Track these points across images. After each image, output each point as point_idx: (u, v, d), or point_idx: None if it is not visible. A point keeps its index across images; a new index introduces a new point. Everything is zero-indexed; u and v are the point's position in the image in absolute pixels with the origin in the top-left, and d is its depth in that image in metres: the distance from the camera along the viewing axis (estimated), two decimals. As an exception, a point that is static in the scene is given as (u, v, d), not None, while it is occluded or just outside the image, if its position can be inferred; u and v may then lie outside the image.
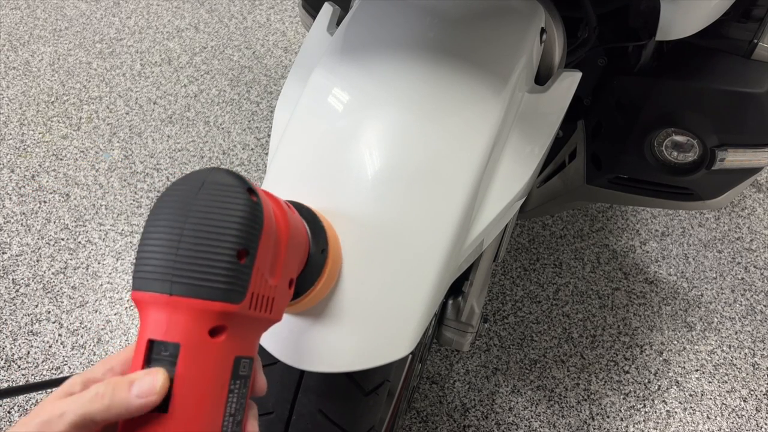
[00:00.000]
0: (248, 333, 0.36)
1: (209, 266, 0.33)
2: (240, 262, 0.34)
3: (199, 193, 0.35)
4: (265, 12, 1.96)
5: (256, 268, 0.35)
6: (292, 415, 0.56)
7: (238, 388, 0.35)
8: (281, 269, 0.38)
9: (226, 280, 0.33)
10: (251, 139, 1.57)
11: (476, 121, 0.57)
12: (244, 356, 0.36)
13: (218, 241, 0.33)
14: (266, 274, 0.36)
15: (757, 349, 1.25)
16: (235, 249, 0.34)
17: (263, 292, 0.36)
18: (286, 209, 0.40)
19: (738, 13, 0.83)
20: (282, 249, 0.38)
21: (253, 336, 0.37)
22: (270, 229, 0.36)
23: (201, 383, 0.33)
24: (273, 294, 0.37)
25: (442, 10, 0.64)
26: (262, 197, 0.36)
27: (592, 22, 0.78)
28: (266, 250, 0.36)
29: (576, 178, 1.04)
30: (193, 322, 0.33)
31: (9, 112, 1.59)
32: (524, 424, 1.11)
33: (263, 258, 0.36)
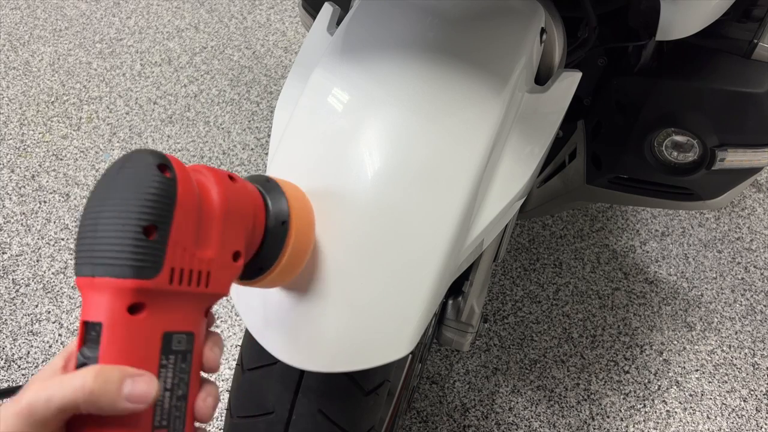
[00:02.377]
0: (179, 308, 0.37)
1: (120, 245, 0.34)
2: (149, 237, 0.34)
3: (118, 174, 0.36)
4: (265, 12, 1.96)
5: (173, 242, 0.35)
6: (292, 415, 0.56)
7: (173, 363, 0.36)
8: (217, 242, 0.38)
9: (136, 257, 0.34)
10: (251, 139, 1.57)
11: (476, 121, 0.57)
12: (178, 331, 0.37)
13: (127, 219, 0.34)
14: (191, 248, 0.37)
15: (757, 349, 1.25)
16: (141, 225, 0.34)
17: (190, 266, 0.37)
18: (226, 181, 0.40)
19: (738, 13, 0.83)
20: (216, 221, 0.38)
21: (188, 310, 0.37)
22: (189, 202, 0.36)
23: (125, 360, 0.34)
24: (207, 267, 0.38)
25: (442, 10, 0.64)
26: (179, 171, 0.37)
27: (592, 22, 0.78)
28: (186, 223, 0.36)
29: (576, 178, 1.04)
30: (112, 301, 0.34)
31: (9, 112, 1.59)
32: (524, 424, 1.11)
33: (182, 231, 0.36)
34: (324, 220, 0.52)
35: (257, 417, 0.58)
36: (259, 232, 0.43)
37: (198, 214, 0.37)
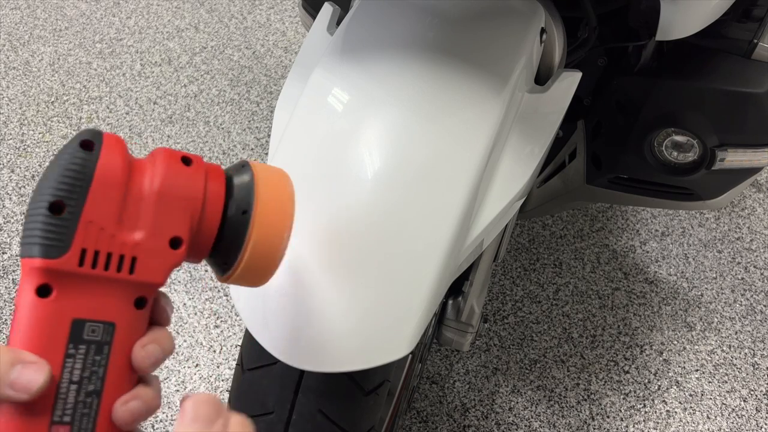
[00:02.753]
0: (96, 294, 0.34)
1: (32, 223, 0.33)
2: (56, 214, 0.33)
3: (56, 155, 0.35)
4: (265, 12, 1.96)
5: (85, 220, 0.33)
6: (292, 415, 0.56)
7: (84, 354, 0.34)
8: (148, 225, 0.35)
9: (41, 235, 0.33)
10: (251, 139, 1.57)
11: (476, 121, 0.57)
12: (92, 320, 0.34)
13: (39, 197, 0.33)
14: (110, 228, 0.34)
15: (757, 349, 1.25)
16: (47, 201, 0.33)
17: (108, 249, 0.34)
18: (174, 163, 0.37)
19: (738, 13, 0.83)
20: (147, 202, 0.35)
21: (108, 298, 0.35)
22: (110, 179, 0.34)
23: (29, 345, 0.32)
24: (133, 252, 0.35)
25: (442, 10, 0.64)
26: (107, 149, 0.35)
27: (592, 22, 0.78)
28: (105, 202, 0.34)
29: (576, 178, 1.04)
30: (24, 282, 0.33)
31: (9, 112, 1.59)
32: (524, 424, 1.11)
33: (99, 210, 0.34)
34: (324, 220, 0.52)
35: (257, 417, 0.58)
36: (214, 220, 0.39)
37: (123, 194, 0.35)
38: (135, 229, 0.35)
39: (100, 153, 0.35)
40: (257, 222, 0.39)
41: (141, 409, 0.35)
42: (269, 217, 0.40)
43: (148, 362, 0.35)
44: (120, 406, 0.34)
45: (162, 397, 1.12)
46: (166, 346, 0.37)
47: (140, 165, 0.37)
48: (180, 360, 1.15)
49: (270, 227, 0.40)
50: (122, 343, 0.35)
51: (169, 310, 0.39)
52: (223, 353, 1.17)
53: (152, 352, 0.36)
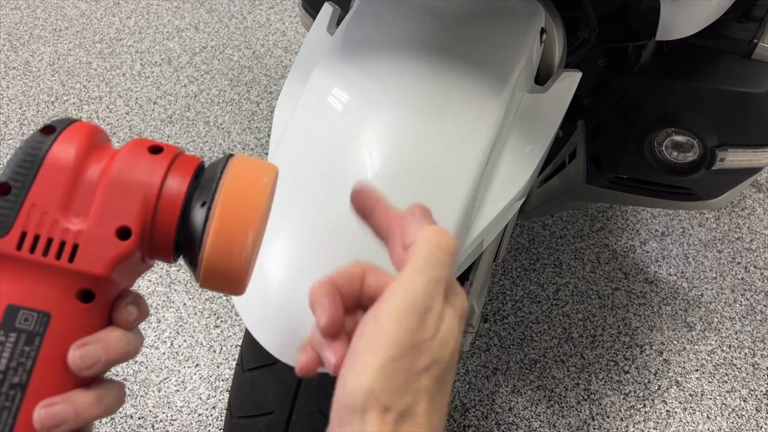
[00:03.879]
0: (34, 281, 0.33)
1: None
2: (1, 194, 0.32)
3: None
4: (265, 12, 1.96)
5: (29, 203, 0.33)
6: (292, 415, 0.56)
7: (13, 343, 0.32)
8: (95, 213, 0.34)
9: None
10: (251, 139, 1.57)
11: (476, 121, 0.57)
12: (26, 307, 0.32)
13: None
14: (54, 213, 0.33)
15: (757, 349, 1.25)
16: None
17: (49, 234, 0.33)
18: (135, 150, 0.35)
19: (738, 13, 0.83)
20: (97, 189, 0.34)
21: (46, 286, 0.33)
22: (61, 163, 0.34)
23: None
24: (75, 240, 0.33)
25: (442, 10, 0.64)
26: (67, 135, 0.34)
27: (592, 22, 0.78)
28: (53, 186, 0.33)
29: (576, 178, 1.04)
30: None
31: (9, 112, 1.59)
32: (524, 424, 1.11)
33: (45, 194, 0.33)
34: (324, 219, 0.52)
35: (257, 417, 0.58)
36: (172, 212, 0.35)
37: (73, 180, 0.34)
38: (80, 215, 0.34)
39: (57, 138, 0.34)
40: (217, 215, 0.35)
41: (66, 416, 0.31)
42: (232, 211, 0.35)
43: (83, 363, 0.32)
44: (40, 408, 0.31)
45: (162, 396, 1.12)
46: (112, 349, 0.33)
47: (101, 153, 0.35)
48: (180, 360, 1.15)
49: (231, 222, 0.35)
50: (58, 338, 0.33)
51: (135, 313, 0.35)
52: (223, 353, 1.17)
53: (89, 353, 0.32)
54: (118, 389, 0.34)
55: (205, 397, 1.11)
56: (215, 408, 1.10)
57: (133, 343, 0.35)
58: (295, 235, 0.52)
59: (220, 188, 0.35)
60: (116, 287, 0.35)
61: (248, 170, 0.36)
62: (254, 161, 0.38)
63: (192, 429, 1.08)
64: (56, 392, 0.32)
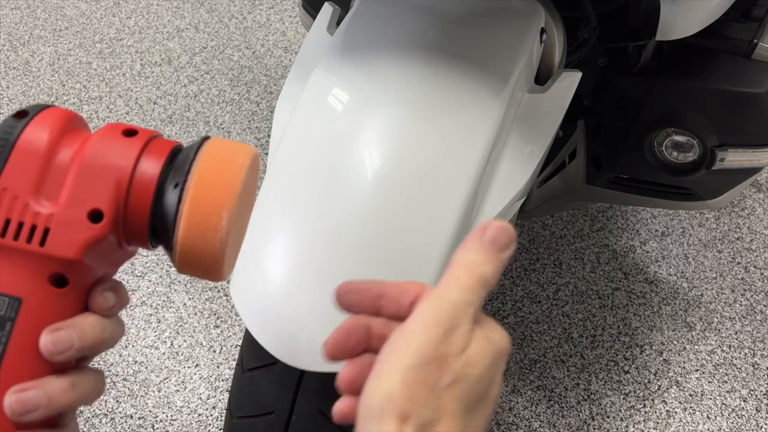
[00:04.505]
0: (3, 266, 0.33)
1: None
2: None
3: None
4: (265, 12, 1.96)
5: (0, 187, 0.33)
6: (292, 415, 0.56)
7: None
8: (67, 196, 0.34)
9: None
10: (251, 139, 1.57)
11: (476, 121, 0.57)
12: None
13: None
14: (25, 197, 0.33)
15: (757, 349, 1.25)
16: None
17: (20, 218, 0.33)
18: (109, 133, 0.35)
19: (738, 13, 0.83)
20: (68, 172, 0.34)
21: (16, 271, 0.33)
22: (32, 147, 0.33)
23: None
24: (45, 223, 0.33)
25: (442, 10, 0.64)
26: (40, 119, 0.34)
27: (592, 22, 0.78)
28: (24, 169, 0.33)
29: (576, 178, 1.04)
30: None
31: (9, 112, 1.59)
32: (524, 424, 1.11)
33: (15, 177, 0.33)
34: (324, 219, 0.52)
35: (257, 417, 0.58)
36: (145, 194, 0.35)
37: (44, 163, 0.34)
38: (51, 199, 0.33)
39: (29, 122, 0.34)
40: (190, 197, 0.34)
41: (38, 402, 0.30)
42: (205, 192, 0.34)
43: (54, 348, 0.31)
44: (11, 394, 0.30)
45: (162, 397, 1.12)
46: (86, 335, 0.32)
47: (79, 137, 0.35)
48: (180, 360, 1.15)
49: (205, 203, 0.34)
50: (30, 323, 0.32)
51: (112, 300, 0.34)
52: (223, 353, 1.17)
53: (62, 338, 0.32)
54: (95, 377, 0.34)
55: (205, 397, 1.11)
56: (215, 408, 1.10)
57: (110, 330, 0.34)
58: (295, 235, 0.52)
59: (193, 169, 0.34)
60: (92, 273, 0.35)
61: (223, 151, 0.36)
62: (230, 143, 0.37)
63: (192, 429, 1.08)
64: (28, 379, 0.31)
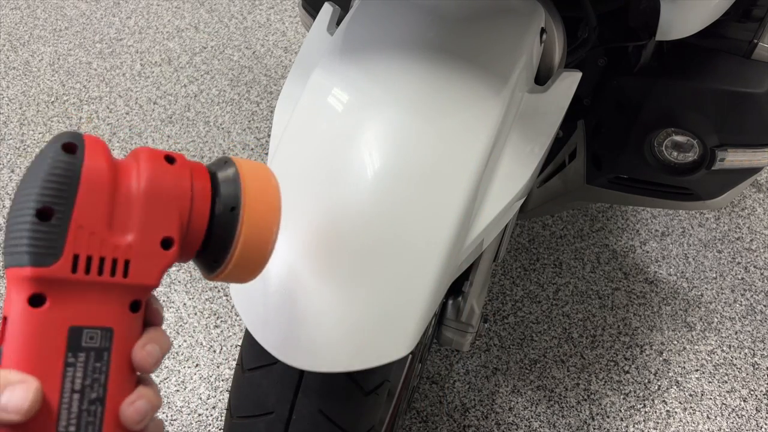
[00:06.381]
0: (91, 299, 0.34)
1: (17, 231, 0.32)
2: (45, 220, 0.32)
3: (35, 158, 0.34)
4: (265, 12, 1.95)
5: (75, 225, 0.33)
6: (292, 415, 0.56)
7: (84, 362, 0.33)
8: (139, 227, 0.35)
9: (29, 243, 0.32)
10: (251, 139, 1.57)
11: (476, 121, 0.57)
12: (90, 326, 0.34)
13: (23, 203, 0.32)
14: (101, 232, 0.34)
15: (757, 349, 1.25)
16: (34, 208, 0.32)
17: (100, 253, 0.34)
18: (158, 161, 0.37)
19: (738, 13, 0.83)
20: (136, 203, 0.35)
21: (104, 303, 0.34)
22: (97, 182, 0.34)
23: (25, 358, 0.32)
24: (126, 255, 0.34)
25: (442, 10, 0.64)
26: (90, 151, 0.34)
27: (592, 22, 0.78)
28: (94, 205, 0.33)
29: (576, 178, 1.04)
30: (14, 292, 0.32)
31: (9, 112, 1.59)
32: (524, 424, 1.11)
33: (88, 214, 0.33)
34: (324, 220, 0.52)
35: (257, 417, 0.58)
36: (203, 218, 0.38)
37: (111, 196, 0.34)
38: (125, 231, 0.35)
39: (84, 155, 0.34)
40: (246, 218, 0.39)
41: (147, 408, 0.35)
42: (258, 213, 0.40)
43: (150, 362, 0.36)
44: (127, 407, 0.35)
45: (162, 396, 1.12)
46: (163, 344, 0.37)
47: (124, 166, 0.36)
48: (180, 360, 1.15)
49: (259, 222, 0.40)
50: (121, 347, 0.35)
51: (161, 310, 0.39)
52: (223, 353, 1.17)
53: (152, 352, 0.36)
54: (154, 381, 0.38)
55: (205, 397, 1.11)
56: (215, 408, 1.10)
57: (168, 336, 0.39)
58: (295, 236, 0.52)
59: (244, 194, 0.39)
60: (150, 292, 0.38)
61: (257, 173, 0.41)
62: (254, 163, 0.42)
63: (192, 429, 1.08)
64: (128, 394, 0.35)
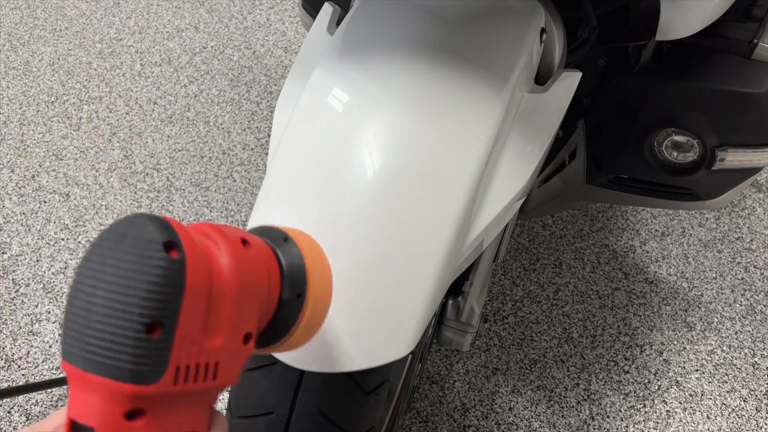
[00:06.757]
0: (183, 407, 0.32)
1: (117, 342, 0.29)
2: (152, 336, 0.29)
3: (116, 249, 0.31)
4: (265, 12, 1.95)
5: (179, 337, 0.30)
6: (292, 415, 0.56)
7: None
8: (228, 326, 0.33)
9: (136, 360, 0.29)
10: (251, 139, 1.57)
11: (476, 121, 0.57)
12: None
13: (127, 313, 0.29)
14: (199, 339, 0.32)
15: (757, 349, 1.25)
16: (144, 323, 0.29)
17: (197, 360, 0.32)
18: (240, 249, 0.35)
19: (738, 13, 0.83)
20: (227, 303, 0.33)
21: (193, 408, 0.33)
22: (199, 286, 0.31)
23: None
24: (216, 358, 0.33)
25: (442, 10, 0.64)
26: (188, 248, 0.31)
27: (592, 22, 0.78)
28: (195, 312, 0.31)
29: (576, 178, 1.04)
30: (107, 404, 0.30)
31: (9, 112, 1.59)
32: (524, 424, 1.11)
33: (190, 323, 0.31)
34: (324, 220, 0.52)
35: (257, 417, 0.58)
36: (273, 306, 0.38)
37: (208, 298, 0.32)
38: (216, 333, 0.33)
39: (185, 258, 0.31)
40: (310, 302, 0.39)
41: None
42: (319, 296, 0.41)
43: None
44: None
45: None
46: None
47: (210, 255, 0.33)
48: (180, 360, 1.15)
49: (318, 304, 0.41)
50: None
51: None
52: None
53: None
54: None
55: (205, 397, 1.11)
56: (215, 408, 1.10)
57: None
58: (295, 235, 0.52)
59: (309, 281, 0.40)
60: None
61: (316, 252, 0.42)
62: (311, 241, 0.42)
63: (192, 429, 1.08)
64: None
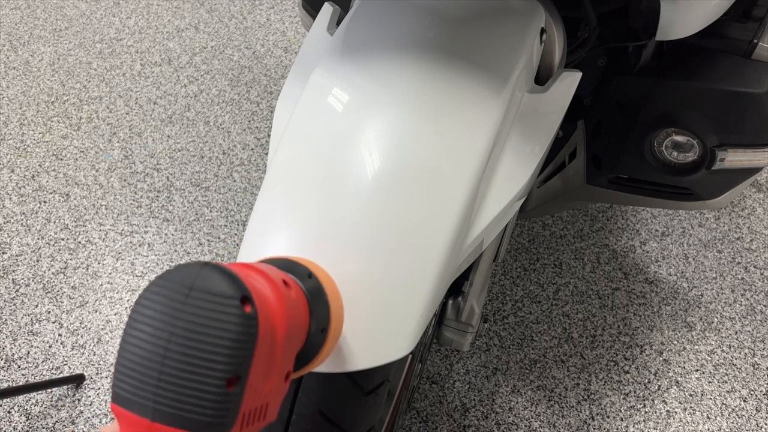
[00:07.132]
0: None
1: (195, 395, 0.30)
2: (229, 390, 0.31)
3: (187, 300, 0.31)
4: (265, 12, 1.95)
5: (249, 386, 0.32)
6: (292, 415, 0.56)
7: None
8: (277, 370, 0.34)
9: (214, 413, 0.30)
10: (251, 139, 1.57)
11: (476, 121, 0.57)
12: None
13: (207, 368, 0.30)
14: (260, 386, 0.33)
15: (757, 349, 1.25)
16: (225, 378, 0.30)
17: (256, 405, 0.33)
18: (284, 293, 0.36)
19: (738, 13, 0.83)
20: (278, 348, 0.34)
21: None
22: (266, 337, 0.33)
23: None
24: (267, 399, 0.34)
25: (442, 10, 0.64)
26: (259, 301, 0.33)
27: (592, 22, 0.78)
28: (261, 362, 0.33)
29: (576, 178, 1.04)
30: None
31: (9, 112, 1.59)
32: (524, 424, 1.11)
33: (257, 373, 0.32)
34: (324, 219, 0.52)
35: (257, 417, 0.58)
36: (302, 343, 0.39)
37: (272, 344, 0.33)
38: (270, 376, 0.34)
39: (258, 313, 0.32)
40: (330, 336, 0.42)
41: None
42: (337, 330, 0.43)
43: None
44: None
45: None
46: None
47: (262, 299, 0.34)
48: (180, 360, 1.15)
49: (336, 336, 0.43)
50: None
51: None
52: None
53: None
54: None
55: (205, 397, 1.11)
56: (215, 408, 1.10)
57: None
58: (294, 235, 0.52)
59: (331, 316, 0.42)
60: None
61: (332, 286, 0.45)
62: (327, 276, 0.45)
63: (192, 429, 1.08)
64: None
